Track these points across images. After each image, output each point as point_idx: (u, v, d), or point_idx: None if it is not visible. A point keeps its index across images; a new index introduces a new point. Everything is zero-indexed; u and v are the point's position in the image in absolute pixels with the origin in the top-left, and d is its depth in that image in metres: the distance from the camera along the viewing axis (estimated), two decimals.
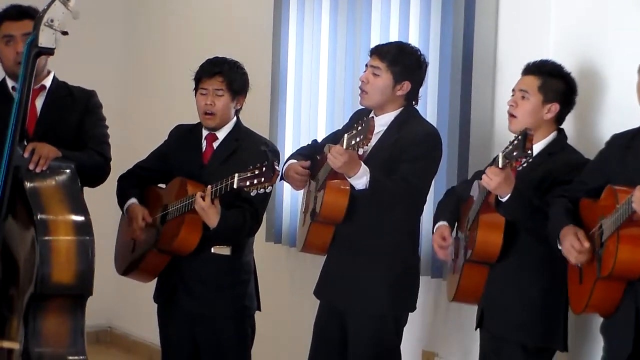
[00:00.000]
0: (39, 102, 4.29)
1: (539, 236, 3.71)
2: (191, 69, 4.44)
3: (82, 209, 3.90)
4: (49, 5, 3.96)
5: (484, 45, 4.44)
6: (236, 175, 4.00)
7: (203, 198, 4.11)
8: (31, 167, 3.96)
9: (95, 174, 4.32)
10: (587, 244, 3.43)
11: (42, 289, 3.75)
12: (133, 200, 4.44)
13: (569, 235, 3.48)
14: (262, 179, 3.95)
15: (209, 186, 4.12)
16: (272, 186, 3.98)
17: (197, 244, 4.25)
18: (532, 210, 3.70)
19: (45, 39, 3.94)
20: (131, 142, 6.41)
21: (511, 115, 3.89)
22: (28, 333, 3.80)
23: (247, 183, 3.97)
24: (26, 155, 3.97)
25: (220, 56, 4.42)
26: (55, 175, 3.98)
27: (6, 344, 3.86)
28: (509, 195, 3.67)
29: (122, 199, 4.50)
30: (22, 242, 3.93)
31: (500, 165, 3.61)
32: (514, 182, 3.69)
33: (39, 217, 3.80)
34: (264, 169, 3.96)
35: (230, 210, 4.20)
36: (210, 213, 4.12)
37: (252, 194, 4.00)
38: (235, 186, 4.00)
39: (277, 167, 3.97)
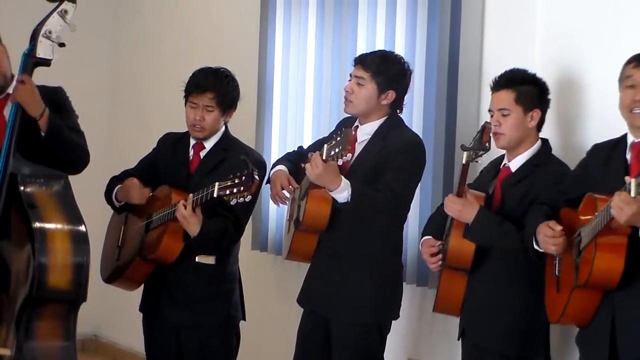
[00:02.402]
0: (7, 111, 4.17)
1: (516, 252, 3.71)
2: (179, 76, 4.43)
3: (77, 216, 3.94)
4: (47, 17, 4.03)
5: (470, 53, 4.44)
6: (216, 184, 4.00)
7: (185, 207, 4.10)
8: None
9: (82, 155, 4.27)
10: (558, 227, 3.43)
11: (38, 293, 3.79)
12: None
13: (541, 227, 3.48)
14: (242, 188, 3.95)
15: (191, 195, 4.12)
16: (251, 195, 3.98)
17: (179, 252, 4.25)
18: (502, 231, 3.71)
19: (43, 50, 4.01)
20: (119, 150, 6.42)
21: (497, 134, 3.85)
22: (21, 338, 3.82)
23: (227, 192, 3.97)
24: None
25: (212, 67, 4.39)
26: (50, 184, 4.01)
27: None
28: (473, 219, 3.72)
29: (109, 193, 4.48)
30: (15, 249, 3.96)
31: (464, 161, 3.66)
32: (477, 206, 3.74)
33: (36, 224, 3.85)
34: (243, 178, 3.95)
35: (213, 219, 4.19)
36: (191, 222, 4.12)
37: (232, 202, 4.00)
38: (215, 195, 4.00)
39: (256, 177, 3.96)
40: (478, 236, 3.77)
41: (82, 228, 3.90)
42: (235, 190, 3.96)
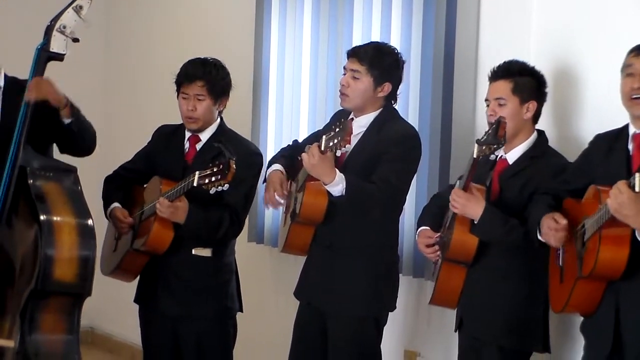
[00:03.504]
0: None
1: (520, 246, 3.73)
2: (173, 69, 4.43)
3: (85, 211, 3.96)
4: (61, 12, 4.07)
5: (466, 46, 4.45)
6: (197, 173, 4.01)
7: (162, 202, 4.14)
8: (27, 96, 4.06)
9: (95, 136, 4.36)
10: (564, 221, 3.45)
11: (43, 285, 3.82)
12: (114, 204, 4.45)
13: (545, 219, 3.49)
14: (219, 177, 3.95)
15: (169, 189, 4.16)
16: (228, 184, 3.96)
17: (170, 242, 4.25)
18: (508, 228, 3.72)
19: (56, 44, 4.06)
20: (115, 144, 6.41)
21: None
22: (25, 330, 3.85)
23: (206, 181, 3.97)
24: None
25: (201, 57, 4.39)
26: (60, 178, 4.03)
27: (1, 342, 3.89)
28: (480, 216, 3.72)
29: (106, 203, 4.51)
30: (21, 242, 3.98)
31: (475, 155, 3.63)
32: (483, 202, 3.74)
33: (44, 217, 3.87)
34: (220, 166, 3.95)
35: (207, 211, 4.20)
36: (173, 214, 4.15)
37: (211, 192, 3.98)
38: (195, 184, 4.00)
39: (233, 166, 3.94)
40: (484, 233, 3.77)
41: (90, 222, 3.93)
42: (213, 179, 3.96)
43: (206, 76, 4.29)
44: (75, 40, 4.08)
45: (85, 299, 3.94)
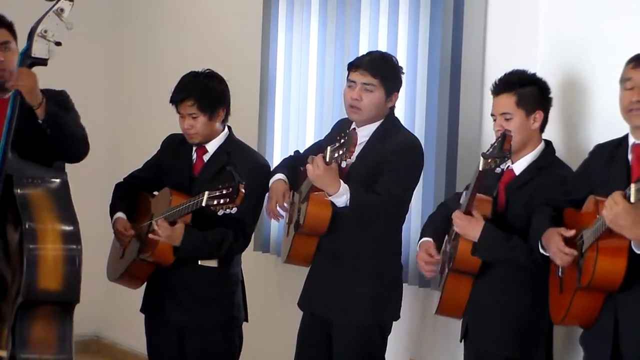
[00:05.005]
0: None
1: (524, 266, 3.72)
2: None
3: (71, 218, 3.92)
4: (43, 16, 4.02)
5: (472, 55, 4.44)
6: (206, 193, 3.99)
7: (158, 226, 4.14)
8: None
9: (80, 143, 4.28)
10: (570, 232, 3.43)
11: (28, 295, 3.78)
12: (119, 214, 4.46)
13: (554, 237, 3.47)
14: (227, 200, 3.93)
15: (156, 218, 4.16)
16: (236, 207, 3.94)
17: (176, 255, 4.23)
18: (509, 248, 3.70)
19: (38, 49, 4.01)
20: (122, 151, 6.42)
21: None
22: (15, 340, 3.82)
23: (215, 202, 3.95)
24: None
25: (194, 71, 4.38)
26: (46, 184, 3.99)
27: None
28: (479, 236, 3.71)
29: (111, 211, 4.51)
30: (12, 251, 3.95)
31: (480, 168, 3.61)
32: (482, 222, 3.73)
33: (27, 225, 3.82)
34: (230, 189, 3.93)
35: (208, 230, 4.19)
36: (169, 238, 4.14)
37: (219, 213, 3.97)
38: (204, 204, 3.98)
39: (242, 190, 3.92)
40: (485, 254, 3.76)
41: (74, 228, 3.88)
42: (222, 201, 3.94)
43: (194, 94, 4.26)
44: (58, 44, 4.03)
45: (74, 306, 3.89)
